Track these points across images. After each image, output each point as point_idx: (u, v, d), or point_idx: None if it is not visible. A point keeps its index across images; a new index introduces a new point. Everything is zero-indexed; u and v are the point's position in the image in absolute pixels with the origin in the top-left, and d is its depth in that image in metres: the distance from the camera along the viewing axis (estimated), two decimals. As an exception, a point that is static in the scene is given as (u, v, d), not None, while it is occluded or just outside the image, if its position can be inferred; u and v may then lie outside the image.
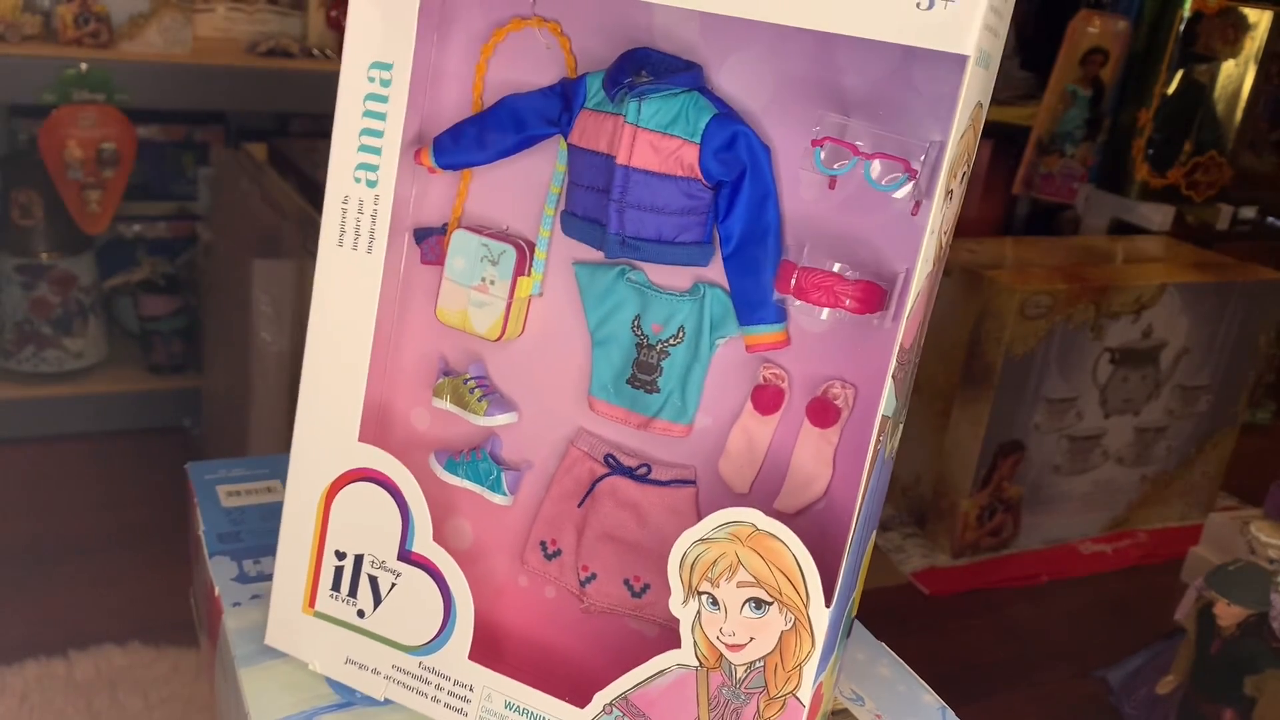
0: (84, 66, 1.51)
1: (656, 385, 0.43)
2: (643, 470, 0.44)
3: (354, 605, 0.47)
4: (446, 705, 0.46)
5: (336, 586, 0.47)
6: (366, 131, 0.43)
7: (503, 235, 0.45)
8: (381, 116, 0.43)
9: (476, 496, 0.46)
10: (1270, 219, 2.15)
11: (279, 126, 1.85)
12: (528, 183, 0.44)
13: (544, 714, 0.45)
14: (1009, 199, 2.04)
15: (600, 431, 0.45)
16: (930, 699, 0.49)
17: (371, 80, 0.43)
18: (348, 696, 0.47)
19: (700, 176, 0.41)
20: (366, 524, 0.46)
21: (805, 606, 0.40)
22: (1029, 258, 1.67)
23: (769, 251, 0.41)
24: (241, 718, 0.46)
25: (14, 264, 1.65)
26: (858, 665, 0.50)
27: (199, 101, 1.65)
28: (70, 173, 1.55)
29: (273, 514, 0.57)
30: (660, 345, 0.43)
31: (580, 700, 0.44)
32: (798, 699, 0.41)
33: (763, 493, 0.43)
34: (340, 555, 0.47)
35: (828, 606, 0.40)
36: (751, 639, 0.41)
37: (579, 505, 0.45)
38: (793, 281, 0.40)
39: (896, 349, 0.39)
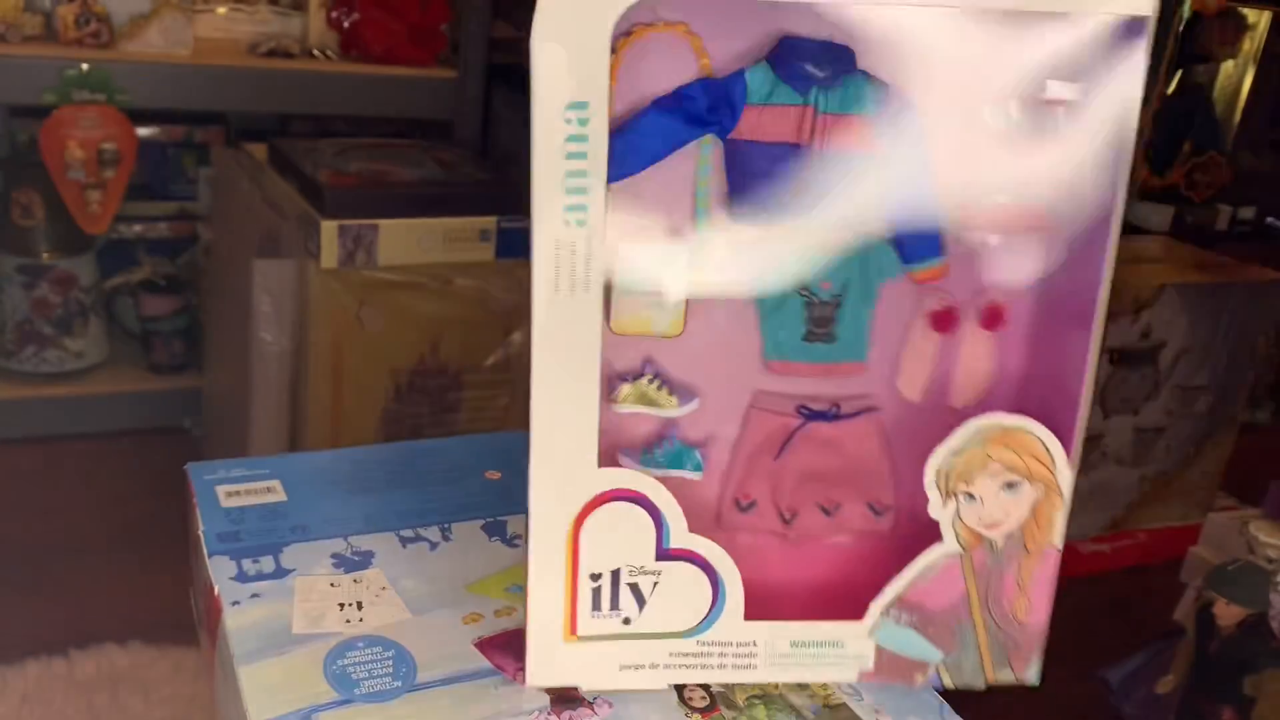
0: (85, 67, 1.52)
1: (834, 335, 0.48)
2: (834, 410, 0.50)
3: (619, 616, 0.48)
4: (734, 666, 0.48)
5: (597, 606, 0.48)
6: (573, 174, 0.43)
7: None
8: (584, 156, 0.43)
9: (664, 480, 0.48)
10: (1270, 219, 2.15)
11: (279, 127, 1.85)
12: (668, 182, 0.47)
13: (828, 638, 0.48)
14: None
15: (782, 389, 0.49)
16: (929, 695, 0.49)
17: (569, 122, 0.42)
18: (347, 694, 0.47)
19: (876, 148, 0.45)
20: (618, 540, 0.47)
21: (1054, 474, 0.47)
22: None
23: (929, 196, 0.46)
24: (240, 716, 0.46)
25: (15, 264, 1.65)
26: (855, 664, 0.50)
27: (199, 102, 1.65)
28: (71, 173, 1.56)
29: (272, 514, 0.57)
30: (833, 300, 0.48)
31: (853, 614, 0.48)
32: (1054, 546, 0.48)
33: (934, 395, 0.50)
34: (595, 577, 0.47)
35: (1070, 469, 0.47)
36: (1008, 514, 0.47)
37: (775, 458, 0.50)
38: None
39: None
